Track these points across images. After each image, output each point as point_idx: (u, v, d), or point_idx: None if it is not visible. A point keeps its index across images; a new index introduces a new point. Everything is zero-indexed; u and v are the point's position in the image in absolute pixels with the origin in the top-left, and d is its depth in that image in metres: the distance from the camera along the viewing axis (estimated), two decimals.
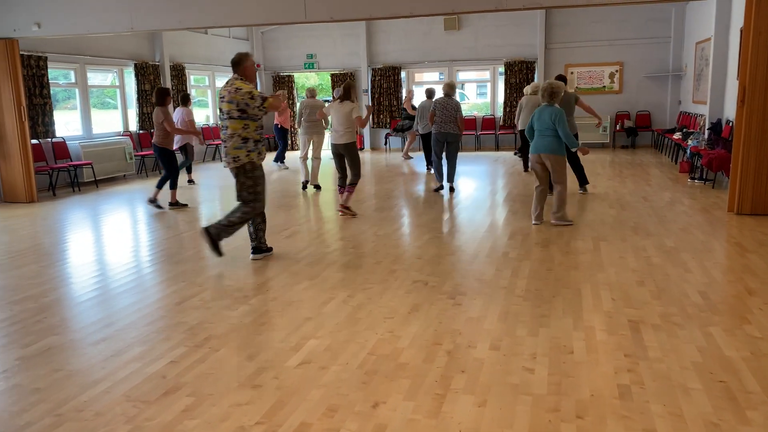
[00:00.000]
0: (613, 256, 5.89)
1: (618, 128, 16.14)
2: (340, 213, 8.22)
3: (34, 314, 4.70)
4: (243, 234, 7.08)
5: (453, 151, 9.79)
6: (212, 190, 11.08)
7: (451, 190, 10.02)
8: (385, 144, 17.63)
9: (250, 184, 5.83)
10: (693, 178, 10.25)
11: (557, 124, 6.89)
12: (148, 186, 11.64)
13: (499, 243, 6.50)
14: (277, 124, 13.99)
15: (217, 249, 5.87)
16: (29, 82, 10.87)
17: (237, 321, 4.44)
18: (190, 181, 11.82)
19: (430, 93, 11.84)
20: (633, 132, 15.91)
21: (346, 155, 8.04)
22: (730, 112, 10.70)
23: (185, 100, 10.98)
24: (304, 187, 10.71)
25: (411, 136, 14.90)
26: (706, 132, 11.33)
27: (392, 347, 3.88)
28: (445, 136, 9.64)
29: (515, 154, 15.10)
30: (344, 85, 8.12)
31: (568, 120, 8.64)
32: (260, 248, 6.21)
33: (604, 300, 4.66)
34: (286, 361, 3.72)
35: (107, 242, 7.17)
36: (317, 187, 10.63)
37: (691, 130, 12.26)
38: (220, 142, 16.02)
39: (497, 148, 16.94)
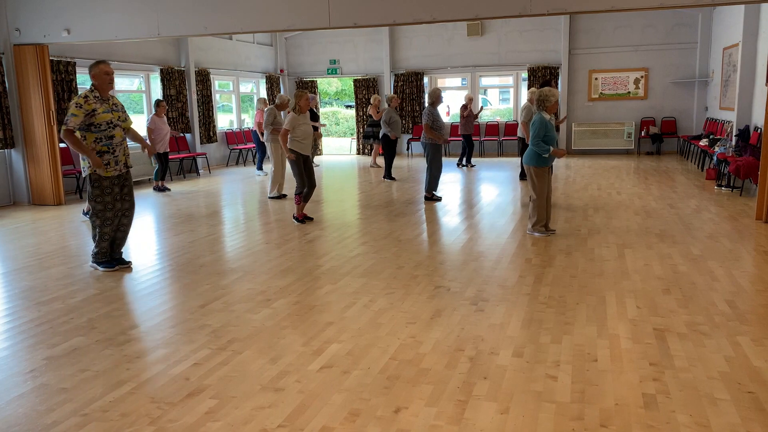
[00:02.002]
0: (639, 263, 5.82)
1: (643, 134, 15.97)
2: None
3: (62, 315, 4.78)
4: (257, 239, 7.14)
5: (427, 161, 9.64)
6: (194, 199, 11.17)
7: (429, 199, 9.68)
8: (407, 149, 17.64)
9: (97, 193, 5.85)
10: (720, 186, 10.09)
11: (531, 131, 6.81)
12: (173, 190, 11.77)
13: (522, 249, 6.46)
14: (255, 131, 13.60)
15: (120, 263, 6.12)
16: (58, 87, 11.07)
17: (259, 324, 4.46)
18: (162, 188, 11.56)
19: (389, 100, 12.20)
20: (658, 138, 15.73)
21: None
22: (758, 118, 10.53)
23: (157, 106, 11.28)
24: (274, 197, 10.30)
25: (378, 145, 14.12)
26: (734, 138, 11.16)
27: (414, 352, 3.87)
28: (422, 145, 9.75)
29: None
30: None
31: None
32: (113, 258, 6.16)
33: (629, 308, 4.60)
34: (308, 365, 3.73)
35: (132, 244, 7.26)
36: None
37: (718, 137, 12.09)
38: (245, 147, 16.17)
39: (520, 154, 16.83)
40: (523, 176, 11.49)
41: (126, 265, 6.16)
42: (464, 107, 14.43)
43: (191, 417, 3.15)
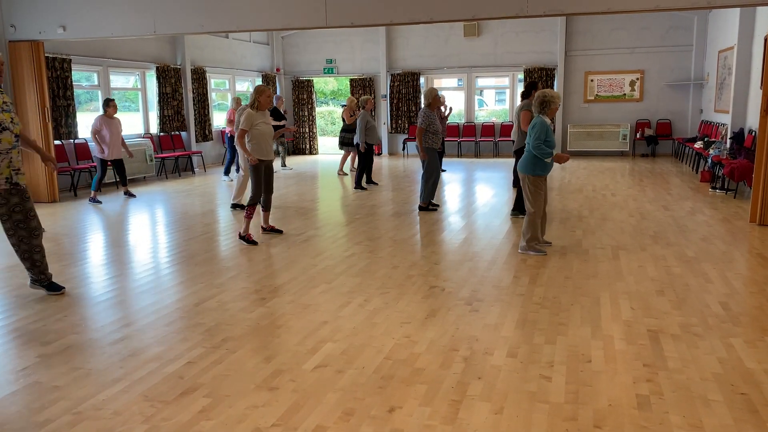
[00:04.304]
0: (633, 265, 5.84)
1: (638, 136, 16.01)
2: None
3: (55, 313, 4.76)
4: (261, 233, 7.13)
5: (423, 166, 8.66)
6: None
7: (424, 209, 8.80)
8: (403, 149, 17.64)
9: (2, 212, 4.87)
10: (714, 188, 10.13)
11: (529, 135, 6.12)
12: (168, 188, 11.75)
13: (517, 250, 6.46)
14: (228, 134, 12.65)
15: (53, 288, 5.20)
16: (53, 83, 11.03)
17: (254, 323, 4.46)
18: (96, 200, 10.29)
19: (362, 103, 11.24)
20: (653, 140, 15.77)
21: None
22: (753, 121, 10.57)
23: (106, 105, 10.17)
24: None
25: (354, 152, 12.96)
26: (728, 141, 11.20)
27: (409, 352, 3.87)
28: (416, 148, 8.92)
29: None
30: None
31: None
32: (39, 281, 5.20)
33: (623, 309, 4.62)
34: (302, 364, 3.72)
35: (127, 243, 7.24)
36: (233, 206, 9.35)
37: (713, 139, 12.14)
38: None
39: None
40: (516, 183, 9.43)
41: (59, 292, 5.22)
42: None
43: (185, 416, 3.14)
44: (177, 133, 14.42)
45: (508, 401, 3.22)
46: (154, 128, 14.01)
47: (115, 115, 10.23)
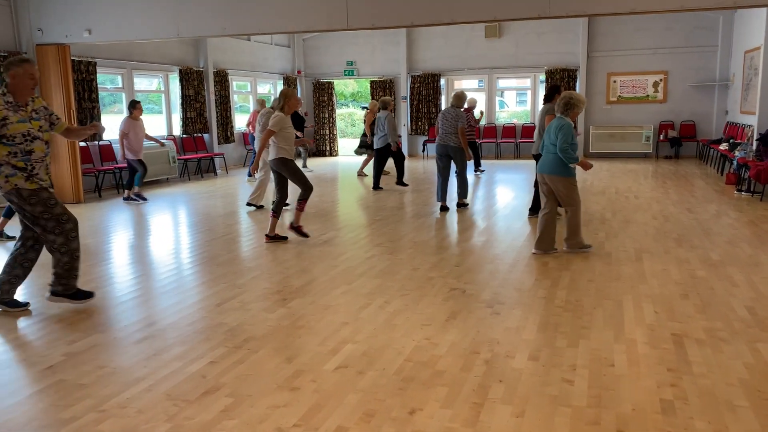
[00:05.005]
0: (656, 268, 5.77)
1: (662, 138, 15.83)
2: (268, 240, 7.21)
3: (80, 312, 4.83)
4: (288, 237, 7.16)
5: (459, 165, 8.90)
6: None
7: (462, 206, 9.10)
8: (423, 151, 17.62)
9: (40, 210, 4.66)
10: (740, 190, 9.97)
11: (557, 137, 6.06)
12: (190, 189, 11.87)
13: (544, 251, 6.42)
14: (251, 134, 12.42)
15: (84, 296, 4.96)
16: (79, 86, 11.20)
17: (275, 323, 4.48)
18: (133, 198, 10.48)
19: (384, 104, 11.27)
20: (677, 142, 15.58)
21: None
22: None
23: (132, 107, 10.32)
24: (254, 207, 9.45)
25: (369, 155, 13.18)
26: (755, 143, 11.01)
27: (429, 354, 3.87)
28: (445, 148, 8.85)
29: None
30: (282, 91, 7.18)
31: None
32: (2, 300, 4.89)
33: (646, 312, 4.56)
34: (323, 365, 3.74)
35: (150, 243, 7.33)
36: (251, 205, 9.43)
37: (739, 141, 11.95)
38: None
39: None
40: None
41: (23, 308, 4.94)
42: (468, 110, 14.19)
43: (207, 415, 3.17)
44: (199, 135, 14.56)
45: (530, 405, 3.20)
46: (177, 130, 14.16)
47: (140, 117, 10.36)
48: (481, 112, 13.27)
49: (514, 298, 4.95)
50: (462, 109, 8.92)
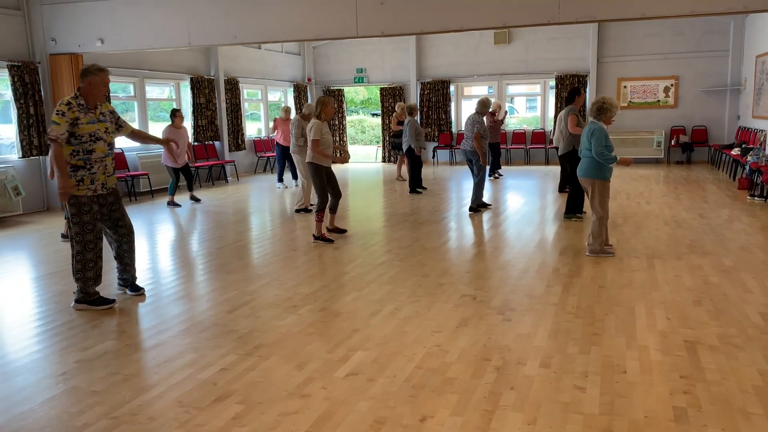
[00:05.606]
0: (668, 274, 5.73)
1: (673, 143, 15.74)
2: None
3: (92, 319, 4.86)
4: (284, 245, 7.18)
5: (474, 170, 9.20)
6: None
7: (474, 210, 9.31)
8: (433, 157, 17.63)
9: (73, 212, 5.01)
10: (753, 196, 9.90)
11: (591, 141, 6.25)
12: (201, 196, 11.92)
13: (550, 258, 6.40)
14: (276, 141, 12.88)
15: (103, 302, 5.15)
16: None
17: (286, 330, 4.49)
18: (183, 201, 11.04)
19: (409, 110, 11.57)
20: (689, 147, 15.49)
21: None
22: None
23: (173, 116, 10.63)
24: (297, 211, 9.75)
25: (401, 158, 13.53)
26: (767, 148, 10.94)
27: (440, 361, 3.86)
28: (464, 153, 9.26)
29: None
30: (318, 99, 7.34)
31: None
32: (125, 282, 5.49)
33: (658, 319, 4.53)
34: (334, 372, 3.74)
35: (161, 250, 7.37)
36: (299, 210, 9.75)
37: (751, 146, 11.86)
38: (273, 155, 16.28)
39: (547, 163, 16.73)
40: (562, 188, 10.61)
41: (139, 293, 5.49)
42: (492, 114, 14.26)
43: (218, 422, 3.17)
44: (210, 142, 14.64)
45: (542, 412, 3.18)
46: (189, 138, 14.22)
47: (182, 125, 10.73)
48: (506, 112, 13.63)
49: (525, 305, 4.93)
50: (484, 115, 9.16)
